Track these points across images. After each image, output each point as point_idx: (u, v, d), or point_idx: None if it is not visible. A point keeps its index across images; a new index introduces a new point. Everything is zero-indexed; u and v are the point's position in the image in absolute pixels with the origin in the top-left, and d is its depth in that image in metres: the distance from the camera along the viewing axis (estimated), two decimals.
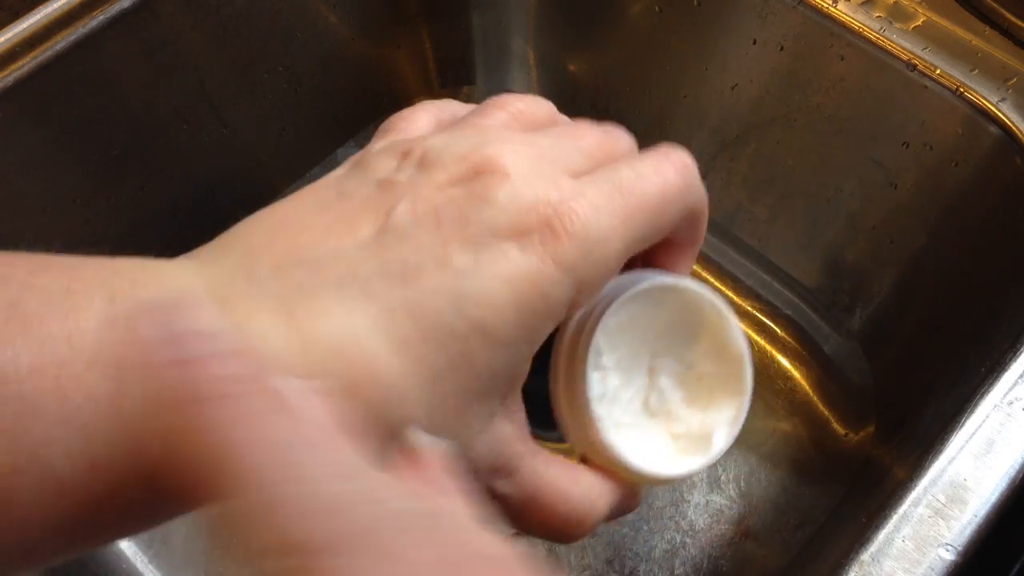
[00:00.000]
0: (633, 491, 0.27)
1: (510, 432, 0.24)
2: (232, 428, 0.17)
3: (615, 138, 0.26)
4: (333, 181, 0.24)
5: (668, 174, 0.24)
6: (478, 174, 0.22)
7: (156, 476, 0.19)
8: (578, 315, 0.26)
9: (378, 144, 0.26)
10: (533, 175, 0.23)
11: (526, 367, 0.23)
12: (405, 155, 0.24)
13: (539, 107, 0.27)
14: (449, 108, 0.28)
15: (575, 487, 0.25)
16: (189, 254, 0.23)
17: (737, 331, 0.27)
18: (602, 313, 0.25)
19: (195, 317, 0.19)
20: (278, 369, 0.20)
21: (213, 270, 0.22)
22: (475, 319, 0.21)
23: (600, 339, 0.25)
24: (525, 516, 0.25)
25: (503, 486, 0.24)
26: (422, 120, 0.27)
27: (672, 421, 0.27)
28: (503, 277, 0.21)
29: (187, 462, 0.17)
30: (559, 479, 0.25)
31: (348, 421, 0.20)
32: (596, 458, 0.26)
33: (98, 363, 0.19)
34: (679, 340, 0.27)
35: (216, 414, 0.17)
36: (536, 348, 0.23)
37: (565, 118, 0.28)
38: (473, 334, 0.21)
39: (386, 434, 0.21)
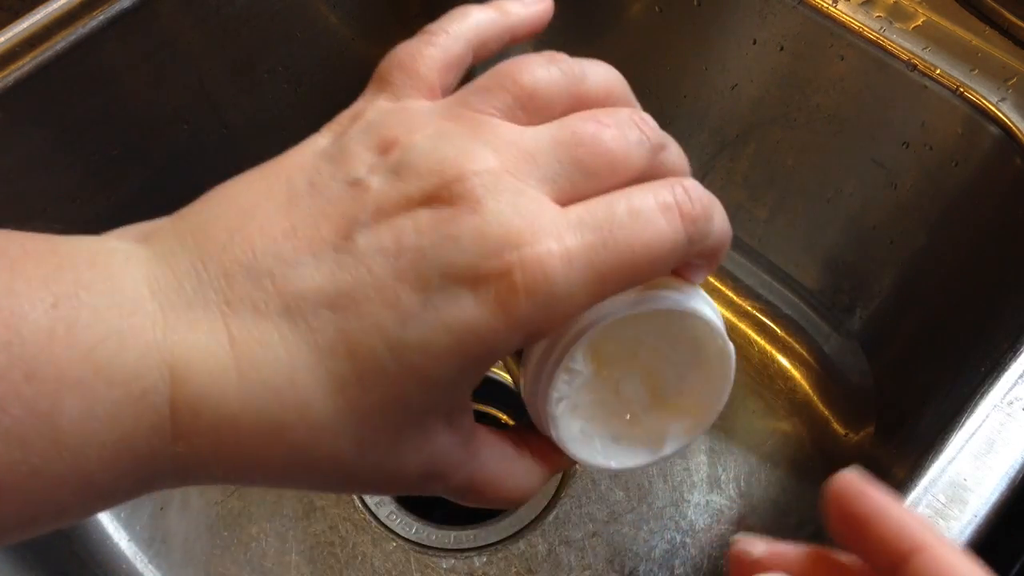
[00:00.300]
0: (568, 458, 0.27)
1: (447, 443, 0.23)
2: None
3: (633, 146, 0.23)
4: (310, 161, 0.23)
5: (669, 226, 0.21)
6: (450, 197, 0.21)
7: (103, 482, 0.20)
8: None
9: (369, 110, 0.24)
10: (509, 207, 0.21)
11: (472, 389, 0.23)
12: (385, 150, 0.22)
13: (553, 83, 0.24)
14: (462, 40, 0.26)
15: (509, 478, 0.25)
16: (146, 231, 0.22)
17: (730, 359, 0.26)
18: (588, 328, 0.24)
19: None
20: (211, 397, 0.20)
21: (163, 269, 0.21)
22: (412, 365, 0.20)
23: (579, 351, 0.24)
24: (455, 499, 0.25)
25: (435, 486, 0.24)
26: (425, 67, 0.25)
27: (636, 406, 0.27)
28: (448, 327, 0.20)
29: None
30: (493, 475, 0.25)
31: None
32: (542, 432, 0.26)
33: (36, 377, 0.19)
34: (670, 342, 0.26)
35: None
36: (477, 384, 0.22)
37: (589, 84, 0.24)
38: (409, 378, 0.21)
39: (310, 463, 0.21)
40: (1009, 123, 0.44)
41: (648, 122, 0.24)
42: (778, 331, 0.60)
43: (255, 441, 0.21)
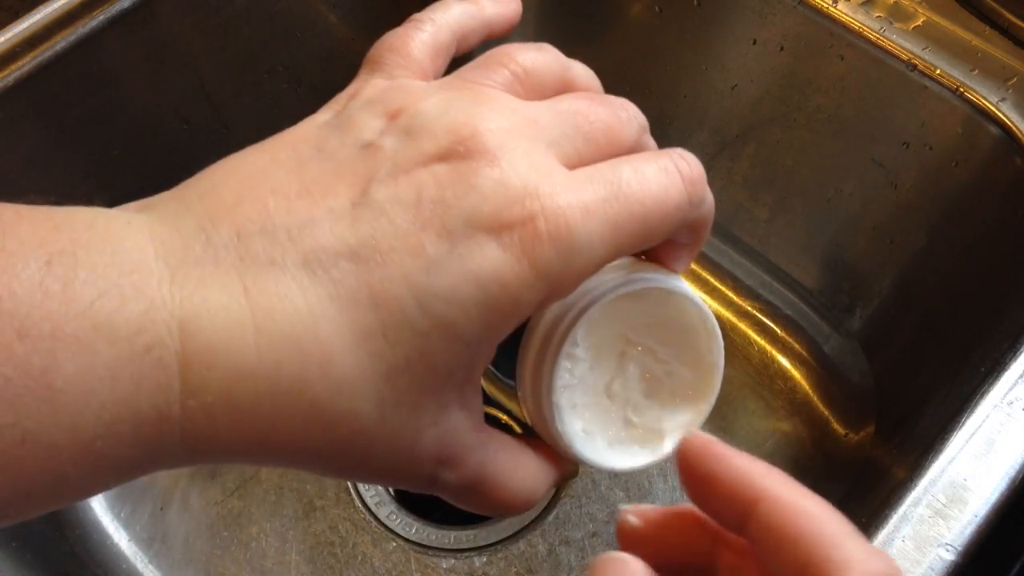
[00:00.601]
0: (574, 464, 0.27)
1: (461, 423, 0.23)
2: None
3: (624, 122, 0.24)
4: (313, 132, 0.23)
5: (673, 185, 0.22)
6: (467, 152, 0.21)
7: (104, 450, 0.19)
8: (556, 305, 0.25)
9: (367, 88, 0.24)
10: (524, 161, 0.21)
11: (487, 360, 0.22)
12: (393, 116, 0.22)
13: (545, 65, 0.25)
14: (447, 28, 0.26)
15: (517, 474, 0.25)
16: (147, 202, 0.22)
17: (718, 344, 0.26)
18: (585, 309, 0.24)
19: None
20: (226, 350, 0.19)
21: (168, 230, 0.20)
22: (439, 316, 0.20)
23: (580, 332, 0.24)
24: (464, 499, 0.24)
25: (447, 475, 0.23)
26: (416, 50, 0.25)
27: (630, 408, 0.27)
28: (475, 275, 0.20)
29: None
30: (503, 468, 0.24)
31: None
32: (546, 437, 0.26)
33: (30, 334, 0.18)
34: (658, 336, 0.26)
35: None
36: (497, 343, 0.22)
37: (575, 72, 0.26)
38: (435, 331, 0.20)
39: (329, 424, 0.20)
40: (1009, 123, 0.44)
41: (632, 105, 0.25)
42: (778, 331, 0.60)
43: (273, 399, 0.20)
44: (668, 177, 0.22)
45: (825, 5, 0.48)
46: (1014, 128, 0.44)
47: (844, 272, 0.57)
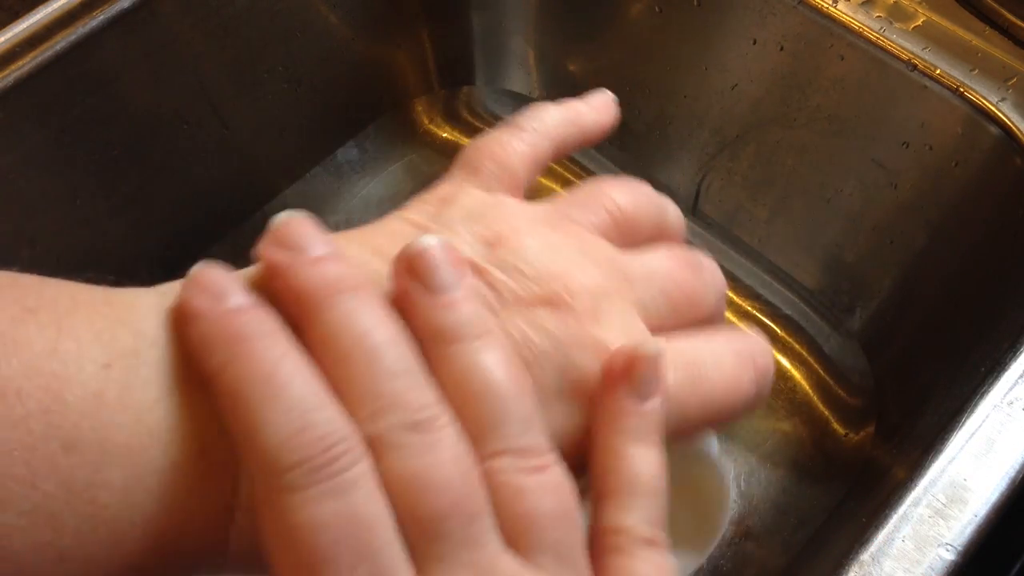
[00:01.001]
0: None
1: None
2: None
3: (708, 287, 0.24)
4: (411, 237, 0.22)
5: (746, 377, 0.23)
6: (570, 304, 0.21)
7: (147, 561, 0.18)
8: None
9: (464, 197, 0.23)
10: (622, 325, 0.21)
11: None
12: (492, 244, 0.22)
13: (643, 210, 0.25)
14: (547, 138, 0.25)
15: None
16: None
17: (727, 508, 0.26)
18: None
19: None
20: None
21: None
22: None
23: None
24: None
25: None
26: (515, 161, 0.24)
27: None
28: (557, 436, 0.20)
29: None
30: None
31: None
32: None
33: (77, 447, 0.17)
34: (674, 481, 0.26)
35: None
36: None
37: (668, 215, 0.26)
38: None
39: None
40: (1009, 123, 0.44)
41: (715, 267, 0.25)
42: (778, 331, 0.60)
43: None
44: (744, 371, 0.23)
45: (825, 5, 0.48)
46: (1014, 128, 0.44)
47: (844, 272, 0.57)
